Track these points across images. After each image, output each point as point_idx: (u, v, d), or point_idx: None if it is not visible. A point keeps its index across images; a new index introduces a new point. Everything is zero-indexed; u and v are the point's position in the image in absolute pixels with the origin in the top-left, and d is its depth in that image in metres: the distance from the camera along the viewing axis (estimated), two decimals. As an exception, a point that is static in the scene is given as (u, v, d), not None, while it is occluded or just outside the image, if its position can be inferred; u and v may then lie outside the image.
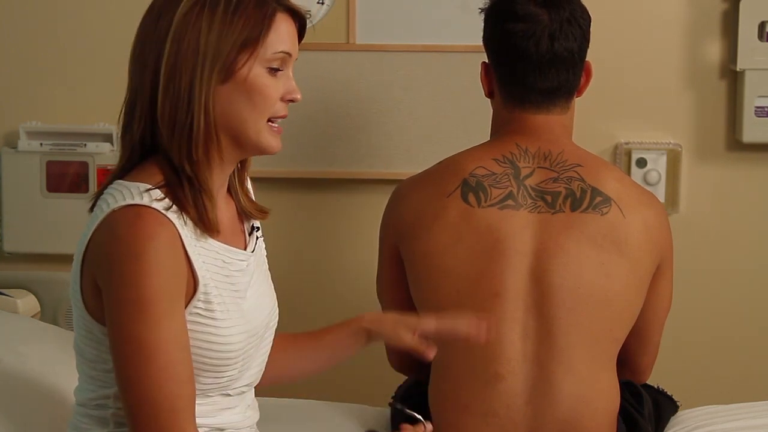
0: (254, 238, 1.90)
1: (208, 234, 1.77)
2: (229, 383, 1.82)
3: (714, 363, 2.96)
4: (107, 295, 1.69)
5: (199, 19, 1.72)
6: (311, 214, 2.98)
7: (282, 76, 1.78)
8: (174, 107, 1.72)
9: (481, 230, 2.12)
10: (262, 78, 1.76)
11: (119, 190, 1.73)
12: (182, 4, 1.74)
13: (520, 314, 2.11)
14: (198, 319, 1.75)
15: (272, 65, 1.76)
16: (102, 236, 1.70)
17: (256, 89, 1.75)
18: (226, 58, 1.73)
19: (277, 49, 1.76)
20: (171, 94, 1.72)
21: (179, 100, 1.72)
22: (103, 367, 1.76)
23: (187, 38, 1.72)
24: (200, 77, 1.72)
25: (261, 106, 1.76)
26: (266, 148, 1.80)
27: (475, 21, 2.28)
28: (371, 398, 2.57)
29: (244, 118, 1.76)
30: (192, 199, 1.74)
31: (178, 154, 1.74)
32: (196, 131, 1.73)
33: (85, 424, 1.81)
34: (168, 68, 1.72)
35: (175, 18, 1.73)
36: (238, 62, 1.74)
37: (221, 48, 1.72)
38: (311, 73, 2.85)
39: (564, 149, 2.19)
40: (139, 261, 1.66)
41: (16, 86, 2.98)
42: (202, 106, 1.72)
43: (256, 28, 1.74)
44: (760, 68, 2.80)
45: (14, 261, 2.99)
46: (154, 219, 1.69)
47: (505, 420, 2.11)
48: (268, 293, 1.94)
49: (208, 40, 1.72)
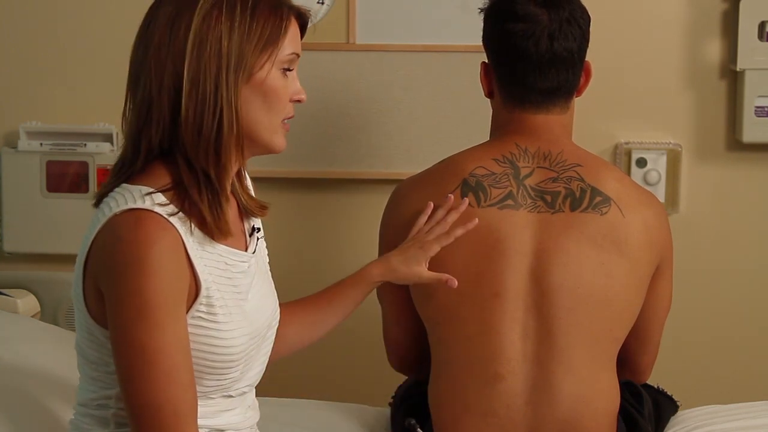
0: (255, 239, 1.91)
1: (221, 237, 1.78)
2: (231, 384, 1.82)
3: (714, 363, 2.96)
4: (109, 300, 1.69)
5: (218, 23, 1.74)
6: (311, 214, 2.98)
7: (291, 76, 1.81)
8: (200, 112, 1.73)
9: (481, 230, 2.12)
10: (277, 80, 1.79)
11: (122, 193, 1.73)
12: (198, 9, 1.74)
13: (520, 314, 2.11)
14: (200, 322, 1.75)
15: (285, 66, 1.79)
16: (104, 240, 1.70)
17: (273, 91, 1.78)
18: (248, 61, 1.75)
19: (290, 51, 1.79)
20: (196, 98, 1.73)
21: (205, 104, 1.73)
22: (105, 369, 1.77)
23: (208, 43, 1.73)
24: (225, 81, 1.73)
25: (276, 107, 1.79)
26: (276, 147, 1.83)
27: (475, 21, 2.27)
28: (371, 398, 2.57)
29: (260, 119, 1.78)
30: (209, 203, 1.75)
31: (204, 158, 1.74)
32: (227, 134, 1.74)
33: (86, 424, 1.81)
34: (191, 73, 1.73)
35: (194, 23, 1.74)
36: (258, 65, 1.76)
37: (244, 51, 1.74)
38: (311, 73, 2.85)
39: (564, 149, 2.19)
40: (141, 265, 1.66)
41: (16, 86, 2.98)
42: (232, 109, 1.74)
43: (275, 30, 1.77)
44: (760, 68, 2.80)
45: (14, 261, 2.99)
46: (156, 223, 1.69)
47: (505, 420, 2.11)
48: (269, 294, 1.94)
49: (230, 44, 1.73)
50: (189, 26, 1.73)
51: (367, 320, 2.63)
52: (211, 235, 1.76)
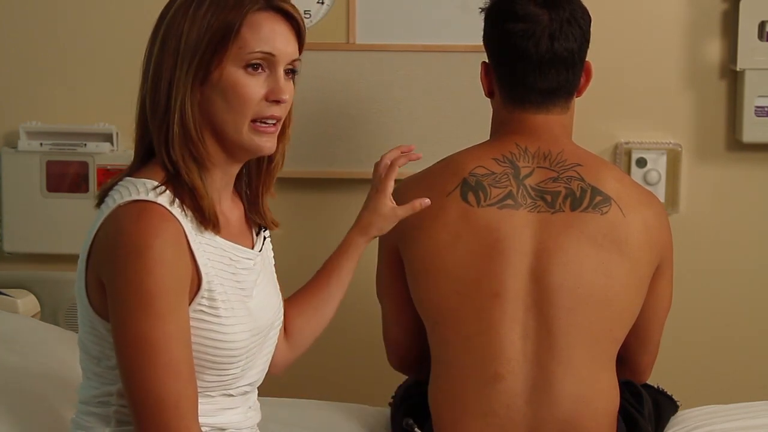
0: (261, 238, 1.91)
1: (204, 227, 1.77)
2: (232, 382, 1.82)
3: (714, 363, 2.96)
4: (111, 290, 1.69)
5: (184, 19, 1.73)
6: (311, 214, 2.98)
7: (266, 76, 1.77)
8: (155, 109, 1.74)
9: (481, 230, 2.12)
10: (237, 78, 1.75)
11: (126, 186, 1.74)
12: (176, 5, 1.75)
13: (519, 314, 2.11)
14: (202, 316, 1.75)
15: (250, 64, 1.75)
16: (107, 231, 1.71)
17: (231, 89, 1.75)
18: (201, 58, 1.73)
19: (255, 49, 1.75)
20: (153, 96, 1.74)
21: (159, 102, 1.74)
22: (107, 364, 1.77)
23: (171, 40, 1.73)
24: (178, 78, 1.73)
25: (238, 106, 1.76)
26: (253, 149, 1.79)
27: (475, 21, 2.28)
28: (371, 398, 2.57)
29: (223, 118, 1.76)
30: (187, 197, 1.75)
31: (161, 154, 1.76)
32: (172, 132, 1.74)
33: (88, 422, 1.81)
34: (153, 71, 1.74)
35: (165, 19, 1.75)
36: (213, 62, 1.74)
37: (197, 48, 1.73)
38: (311, 73, 2.85)
39: (564, 149, 2.19)
40: (143, 256, 1.66)
41: (16, 86, 2.98)
42: (177, 108, 1.73)
43: (228, 27, 1.73)
44: (760, 68, 2.80)
45: (14, 261, 2.99)
46: (159, 215, 1.70)
47: (505, 420, 2.11)
48: (274, 293, 1.95)
49: (187, 40, 1.72)
50: (162, 21, 1.75)
51: (367, 320, 2.63)
52: (205, 226, 1.76)
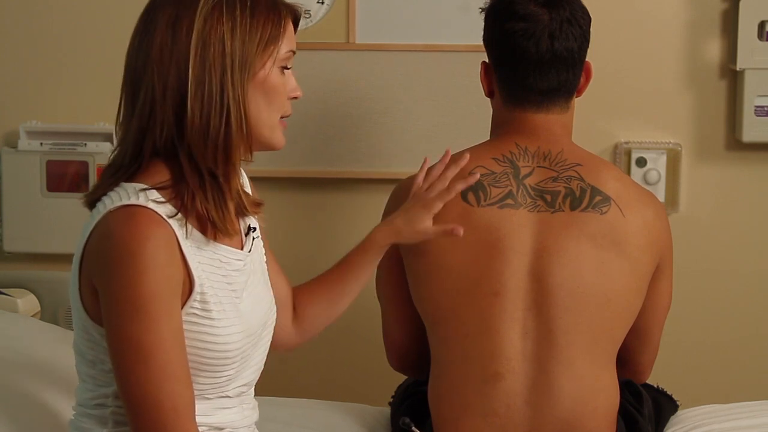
0: (251, 239, 1.91)
1: (226, 236, 1.79)
2: (227, 383, 1.82)
3: (714, 363, 2.96)
4: (104, 296, 1.69)
5: (219, 24, 1.75)
6: (311, 214, 2.98)
7: (287, 74, 1.84)
8: (206, 113, 1.74)
9: (481, 229, 2.12)
10: (277, 77, 1.81)
11: (117, 191, 1.74)
12: (198, 10, 1.75)
13: (519, 313, 2.11)
14: (194, 319, 1.75)
15: (283, 64, 1.82)
16: (98, 237, 1.71)
17: (273, 89, 1.81)
18: (251, 60, 1.77)
19: (287, 49, 1.82)
20: (201, 100, 1.74)
21: (212, 105, 1.74)
22: (102, 368, 1.77)
23: (211, 44, 1.75)
24: (231, 81, 1.75)
25: (276, 104, 1.82)
26: (276, 144, 1.85)
27: (475, 21, 2.28)
28: (371, 398, 2.57)
29: (262, 117, 1.80)
30: (215, 203, 1.76)
31: (212, 158, 1.75)
32: (235, 133, 1.76)
33: (85, 424, 1.81)
34: (196, 75, 1.74)
35: (195, 25, 1.75)
36: (260, 63, 1.78)
37: (247, 51, 1.76)
38: (311, 72, 2.85)
39: (563, 149, 2.19)
40: (135, 260, 1.66)
41: (16, 86, 2.98)
42: (240, 108, 1.76)
43: (275, 29, 1.79)
44: (760, 68, 2.81)
45: (14, 261, 2.99)
46: (149, 219, 1.70)
47: (504, 419, 2.11)
48: (265, 293, 1.94)
49: (233, 44, 1.75)
50: (191, 28, 1.75)
51: (367, 320, 2.63)
52: (214, 234, 1.78)
